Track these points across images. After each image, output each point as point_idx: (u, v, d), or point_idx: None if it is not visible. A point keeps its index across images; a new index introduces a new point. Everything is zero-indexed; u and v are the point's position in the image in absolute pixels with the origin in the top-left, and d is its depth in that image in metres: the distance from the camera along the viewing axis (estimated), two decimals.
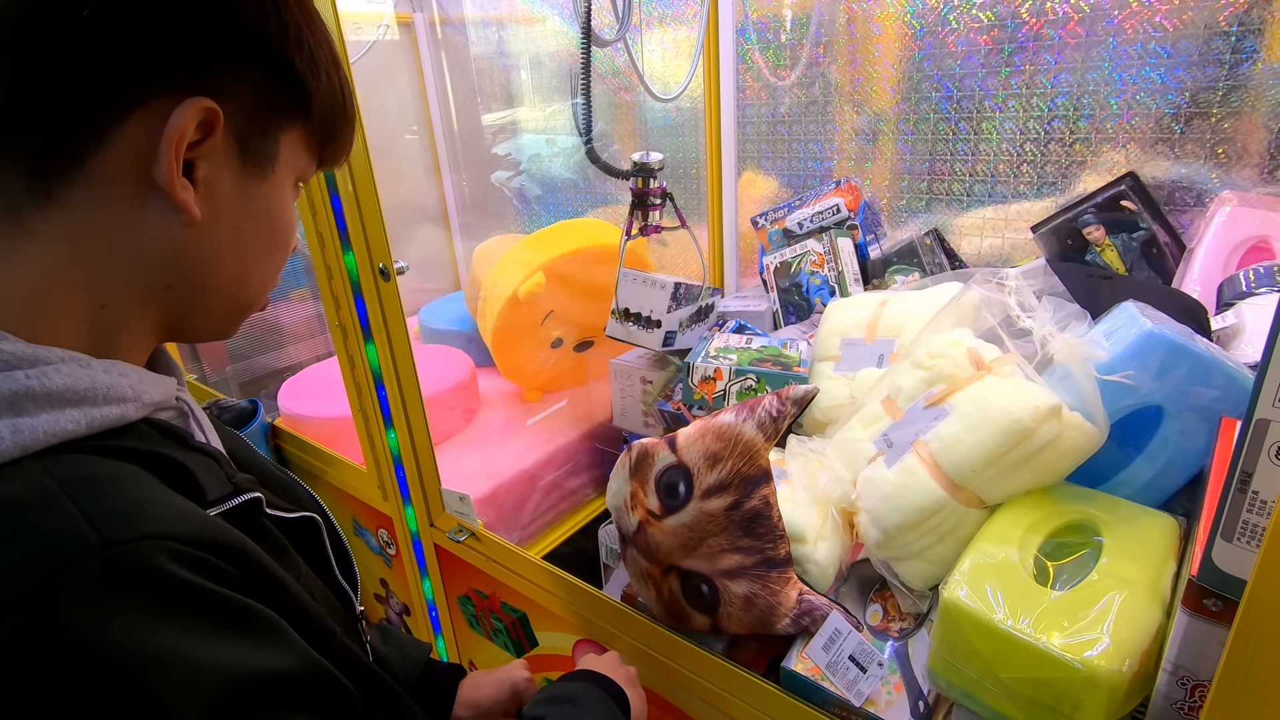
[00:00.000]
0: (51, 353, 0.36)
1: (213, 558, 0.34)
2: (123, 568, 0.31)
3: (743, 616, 0.73)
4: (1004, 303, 0.78)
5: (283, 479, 0.54)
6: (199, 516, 0.36)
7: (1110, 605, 0.56)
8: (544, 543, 1.28)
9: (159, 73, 0.37)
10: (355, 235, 0.90)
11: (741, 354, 1.04)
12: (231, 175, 0.41)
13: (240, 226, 0.43)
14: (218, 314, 0.46)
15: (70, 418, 0.35)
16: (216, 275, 0.43)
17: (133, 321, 0.41)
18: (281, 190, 0.45)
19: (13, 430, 0.33)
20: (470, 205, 2.13)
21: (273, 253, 0.46)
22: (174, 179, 0.38)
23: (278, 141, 0.43)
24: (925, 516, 0.71)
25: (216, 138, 0.39)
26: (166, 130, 0.37)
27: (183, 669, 0.31)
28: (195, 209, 0.39)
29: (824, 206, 1.30)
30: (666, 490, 0.75)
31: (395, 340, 0.97)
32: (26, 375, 0.34)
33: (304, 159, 0.46)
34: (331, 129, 0.47)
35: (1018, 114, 1.15)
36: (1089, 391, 0.68)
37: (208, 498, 0.40)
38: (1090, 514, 0.67)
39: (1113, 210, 1.06)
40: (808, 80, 1.36)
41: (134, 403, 0.39)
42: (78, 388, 0.36)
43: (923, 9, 1.18)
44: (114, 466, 0.36)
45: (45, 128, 0.36)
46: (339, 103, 0.46)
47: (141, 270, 0.40)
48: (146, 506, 0.34)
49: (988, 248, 1.25)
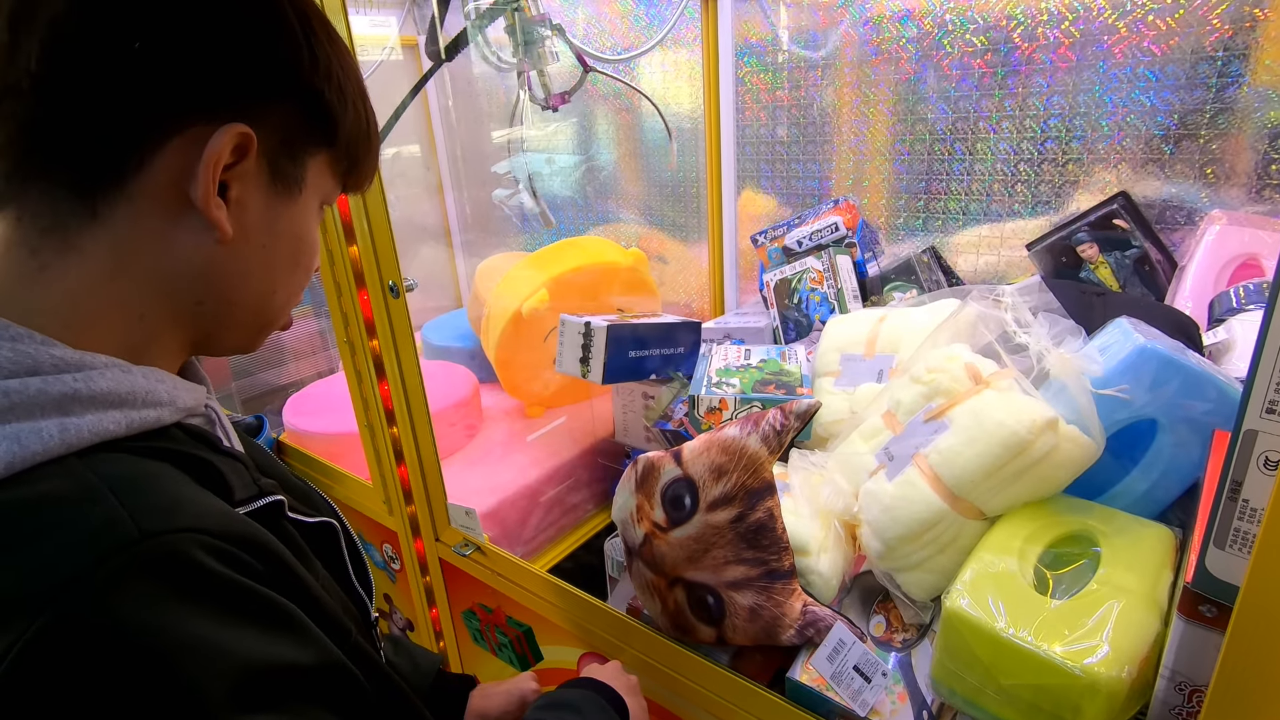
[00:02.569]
0: (96, 358, 0.39)
1: (241, 552, 0.36)
2: (159, 559, 0.33)
3: (748, 628, 0.74)
4: (1001, 319, 0.80)
5: (301, 486, 0.56)
6: (229, 513, 0.39)
7: (1109, 614, 0.57)
8: (546, 558, 1.29)
9: (200, 101, 0.39)
10: (366, 253, 0.91)
11: (743, 376, 1.05)
12: (261, 196, 0.43)
13: (267, 245, 0.45)
14: (243, 329, 0.48)
15: (112, 419, 0.37)
16: (244, 291, 0.45)
17: (166, 334, 0.44)
18: (307, 211, 0.47)
19: (60, 429, 0.35)
20: (472, 223, 2.16)
21: (296, 271, 0.48)
22: (210, 199, 0.40)
23: (305, 166, 0.46)
24: (926, 528, 0.72)
25: (250, 161, 0.41)
26: (205, 154, 0.39)
27: (212, 655, 0.33)
28: (228, 226, 0.41)
29: (822, 225, 1.33)
30: (672, 503, 0.77)
31: (403, 356, 0.98)
32: (74, 379, 0.37)
33: (329, 183, 0.49)
34: (356, 156, 0.49)
35: (1012, 135, 1.18)
36: (1084, 405, 0.69)
37: (235, 497, 0.42)
38: (1088, 525, 0.68)
39: (1105, 229, 1.08)
40: (806, 101, 1.39)
41: (169, 407, 0.42)
42: (119, 391, 0.38)
43: (918, 33, 1.21)
44: (151, 465, 0.38)
45: (93, 150, 0.38)
46: (364, 132, 0.49)
47: (176, 285, 0.42)
48: (182, 502, 0.36)
49: (983, 265, 1.27)
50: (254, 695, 0.34)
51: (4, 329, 0.36)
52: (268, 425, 1.36)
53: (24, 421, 0.34)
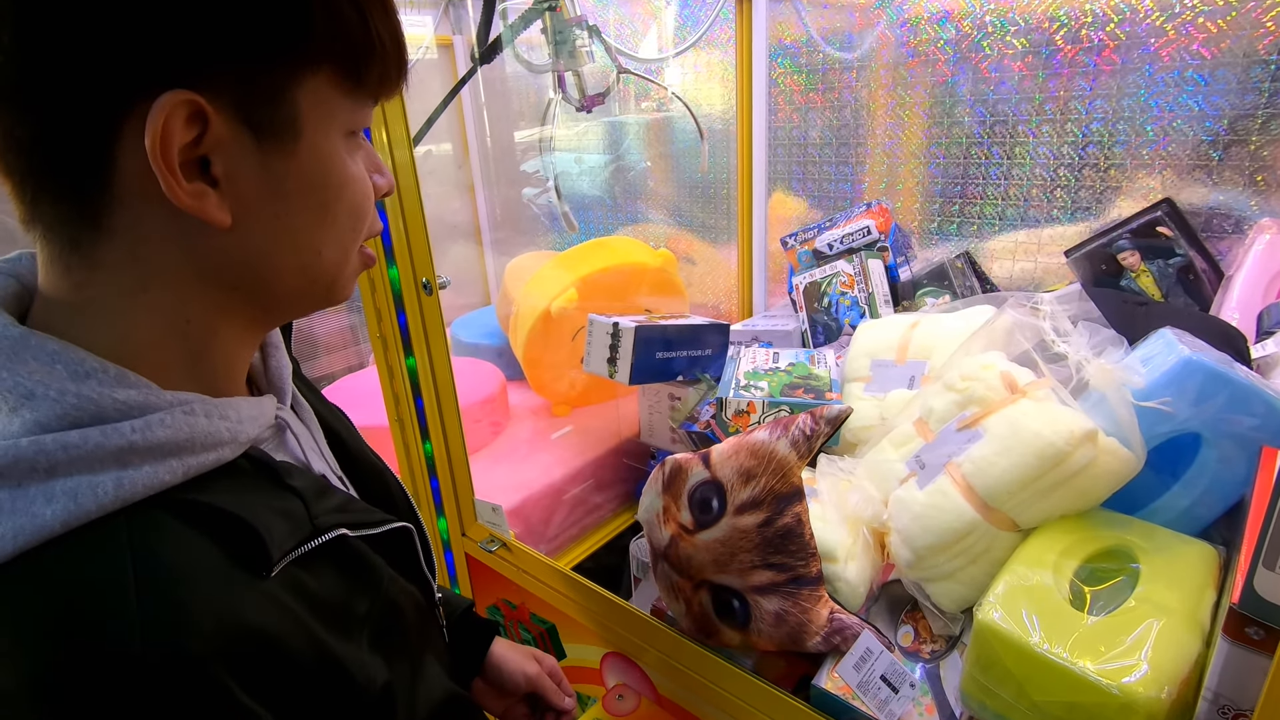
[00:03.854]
0: (161, 398, 0.37)
1: (240, 665, 0.35)
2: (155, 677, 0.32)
3: (773, 633, 0.74)
4: (1038, 327, 0.78)
5: (376, 466, 0.55)
6: (238, 618, 0.36)
7: (1148, 632, 0.55)
8: (569, 556, 1.29)
9: (126, 77, 0.34)
10: (400, 250, 0.93)
11: (772, 380, 1.05)
12: (251, 160, 0.37)
13: (279, 211, 0.39)
14: (302, 294, 0.43)
15: (168, 468, 0.36)
16: (277, 265, 0.41)
17: (220, 328, 0.41)
18: (320, 152, 0.40)
19: (116, 484, 0.34)
20: (502, 222, 2.17)
21: (337, 220, 0.42)
22: (175, 188, 0.35)
23: (293, 102, 0.37)
24: (957, 538, 0.71)
25: (216, 126, 0.35)
26: (146, 139, 0.34)
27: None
28: (216, 213, 0.37)
29: (854, 228, 1.31)
30: (700, 505, 0.76)
31: (435, 353, 1.00)
32: (132, 429, 0.35)
33: (342, 106, 0.40)
34: (356, 57, 0.39)
35: (1051, 139, 1.15)
36: (1125, 417, 0.68)
37: (273, 559, 0.39)
38: (1127, 540, 0.67)
39: (1148, 236, 1.05)
40: (839, 103, 1.37)
41: (230, 445, 0.40)
42: (178, 439, 0.37)
43: (956, 35, 1.19)
44: (182, 549, 0.36)
45: (57, 157, 0.35)
46: (354, 24, 0.38)
47: (205, 279, 0.39)
48: (196, 600, 0.35)
49: (1019, 271, 1.25)
50: None
51: (79, 364, 0.35)
52: None
53: (83, 475, 0.34)
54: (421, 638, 0.51)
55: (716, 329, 1.23)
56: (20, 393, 0.34)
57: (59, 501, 0.33)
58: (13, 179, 0.36)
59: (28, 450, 0.33)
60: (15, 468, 0.33)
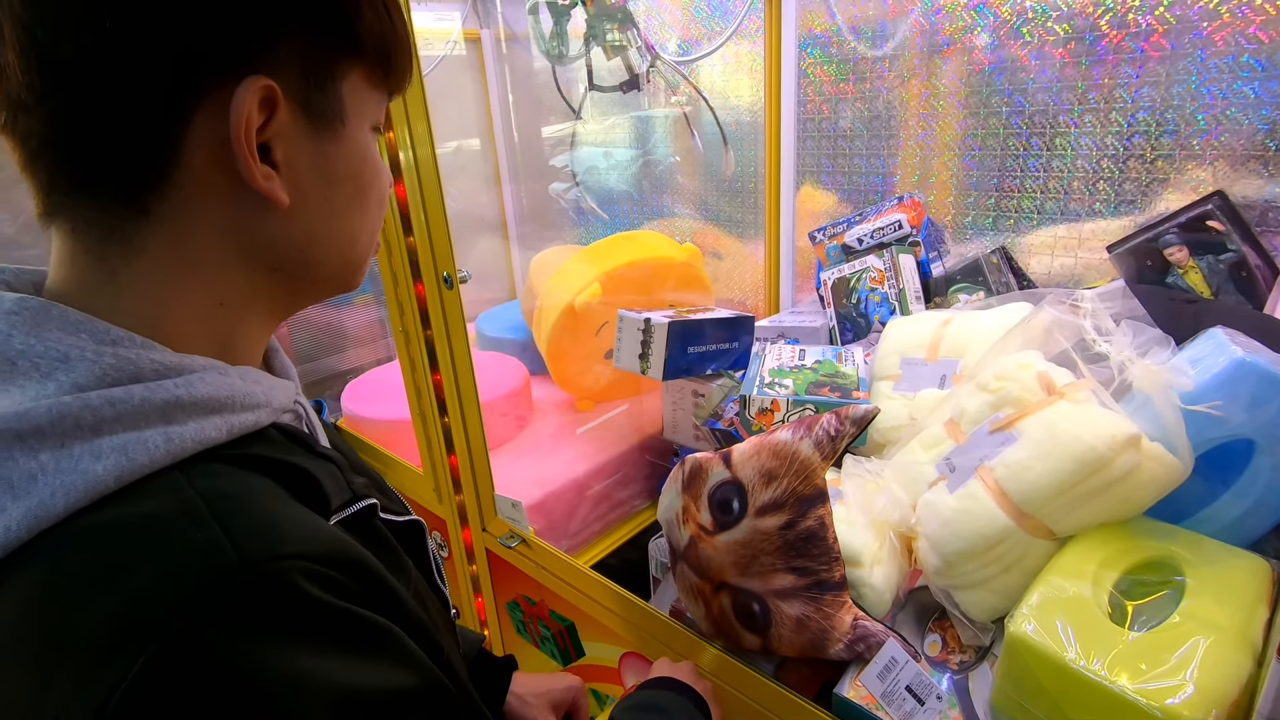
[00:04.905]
0: (195, 360, 0.38)
1: (340, 575, 0.35)
2: (259, 589, 0.32)
3: (794, 638, 0.72)
4: (1078, 325, 0.75)
5: (379, 479, 0.55)
6: (326, 533, 0.37)
7: (1194, 650, 0.52)
8: (591, 553, 1.28)
9: (204, 65, 0.35)
10: (422, 244, 0.92)
11: (797, 377, 1.02)
12: (307, 145, 0.40)
13: (328, 195, 0.42)
14: (332, 279, 0.46)
15: (214, 425, 0.37)
16: (319, 248, 0.43)
17: (251, 311, 0.42)
18: (357, 143, 0.43)
19: (165, 439, 0.34)
20: (528, 216, 2.17)
21: (368, 207, 0.45)
22: (253, 170, 0.37)
23: (339, 93, 0.41)
24: (989, 545, 0.68)
25: (282, 113, 0.38)
26: (231, 123, 0.36)
27: (315, 687, 0.32)
28: (283, 195, 0.39)
29: (885, 222, 1.28)
30: (720, 506, 0.75)
31: (456, 346, 0.99)
32: (175, 385, 0.36)
33: (372, 100, 0.44)
34: (387, 56, 0.43)
35: (1094, 129, 1.10)
36: (1171, 421, 0.64)
37: (331, 506, 0.40)
38: (1172, 551, 0.63)
39: (1198, 230, 1.00)
40: (871, 94, 1.34)
41: (265, 409, 0.40)
42: (219, 396, 0.37)
43: (994, 22, 1.15)
44: (250, 481, 0.37)
45: (119, 152, 0.36)
46: (387, 25, 0.42)
47: (248, 261, 0.40)
48: (280, 524, 0.35)
49: (1058, 267, 1.20)
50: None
51: (105, 332, 0.35)
52: (326, 410, 1.40)
53: (129, 432, 0.34)
54: (450, 640, 0.50)
55: (744, 322, 1.21)
56: (54, 356, 0.34)
57: (109, 458, 0.33)
58: (40, 175, 0.36)
59: (72, 406, 0.33)
60: (60, 425, 0.32)
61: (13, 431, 0.32)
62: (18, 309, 0.35)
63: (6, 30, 0.33)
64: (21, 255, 0.38)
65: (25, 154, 0.36)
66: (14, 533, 0.31)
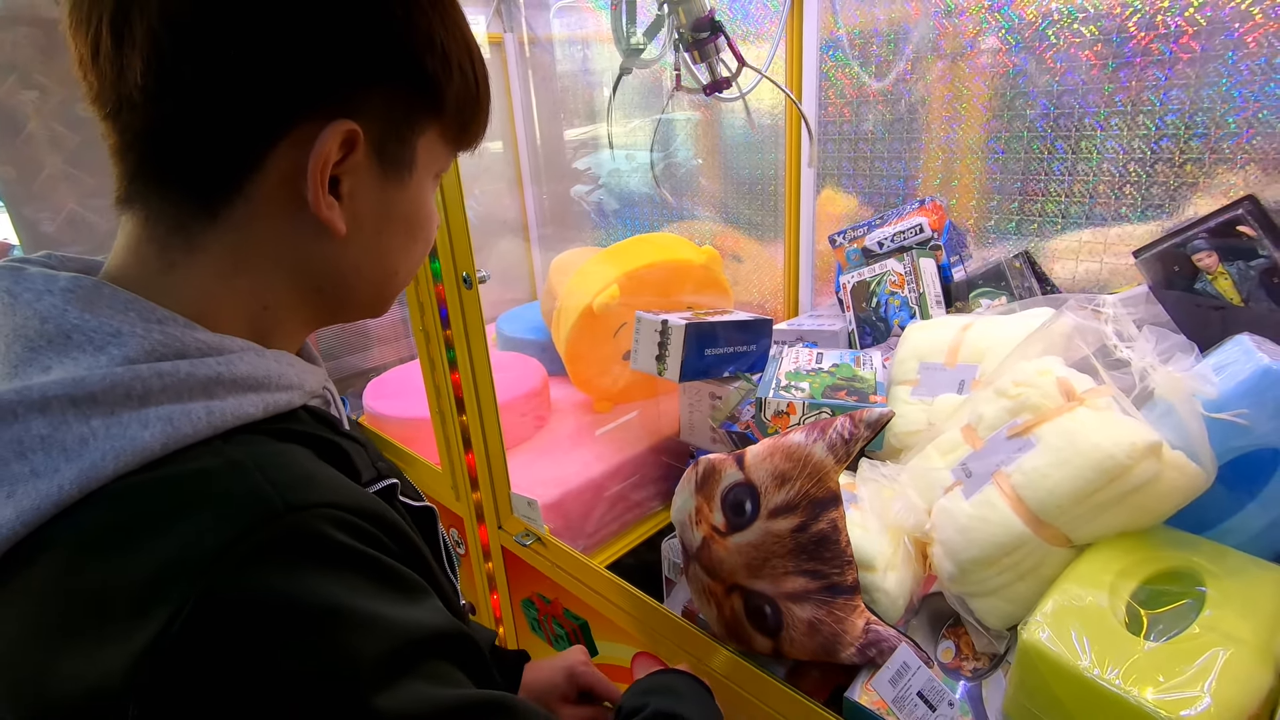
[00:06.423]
0: (234, 342, 0.41)
1: (374, 528, 0.38)
2: (304, 530, 0.34)
3: (806, 642, 0.72)
4: (1100, 331, 0.74)
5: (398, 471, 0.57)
6: (359, 491, 0.40)
7: (1213, 662, 0.51)
8: (607, 553, 1.29)
9: (302, 100, 0.39)
10: (442, 245, 0.94)
11: (814, 380, 1.02)
12: (373, 185, 0.43)
13: (383, 231, 0.45)
14: (367, 305, 0.49)
15: (251, 402, 0.39)
16: (364, 277, 0.46)
17: (289, 319, 0.45)
18: (421, 190, 0.46)
19: (208, 411, 0.37)
20: (549, 218, 2.19)
21: (414, 247, 0.48)
22: (320, 200, 0.40)
23: (414, 146, 0.44)
24: (1004, 552, 0.67)
25: (358, 154, 0.41)
26: (312, 156, 0.39)
27: (359, 621, 0.34)
28: (341, 225, 0.42)
29: (906, 226, 1.27)
30: (733, 508, 0.75)
31: (474, 346, 1.00)
32: (217, 362, 0.38)
33: (441, 155, 0.47)
34: (466, 120, 0.47)
35: (1121, 132, 1.09)
36: (1194, 429, 0.63)
37: (362, 478, 0.44)
38: (1193, 562, 0.62)
39: (1228, 236, 0.98)
40: (894, 96, 1.33)
41: (298, 390, 0.43)
42: (257, 374, 0.40)
43: (1020, 23, 1.14)
44: (286, 446, 0.40)
45: (205, 158, 0.39)
46: (472, 94, 0.46)
47: (296, 276, 0.44)
48: (318, 479, 0.38)
49: (1083, 273, 1.18)
50: (399, 659, 0.35)
51: (151, 311, 0.38)
52: (348, 407, 1.42)
53: (174, 404, 0.36)
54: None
55: (761, 324, 1.21)
56: (107, 331, 0.37)
57: (155, 426, 0.35)
58: (128, 164, 0.40)
59: (124, 376, 0.35)
60: (112, 393, 0.35)
61: (69, 397, 0.34)
62: (73, 286, 0.37)
63: (139, 37, 0.36)
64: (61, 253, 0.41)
65: (120, 142, 0.39)
66: (66, 491, 0.33)
